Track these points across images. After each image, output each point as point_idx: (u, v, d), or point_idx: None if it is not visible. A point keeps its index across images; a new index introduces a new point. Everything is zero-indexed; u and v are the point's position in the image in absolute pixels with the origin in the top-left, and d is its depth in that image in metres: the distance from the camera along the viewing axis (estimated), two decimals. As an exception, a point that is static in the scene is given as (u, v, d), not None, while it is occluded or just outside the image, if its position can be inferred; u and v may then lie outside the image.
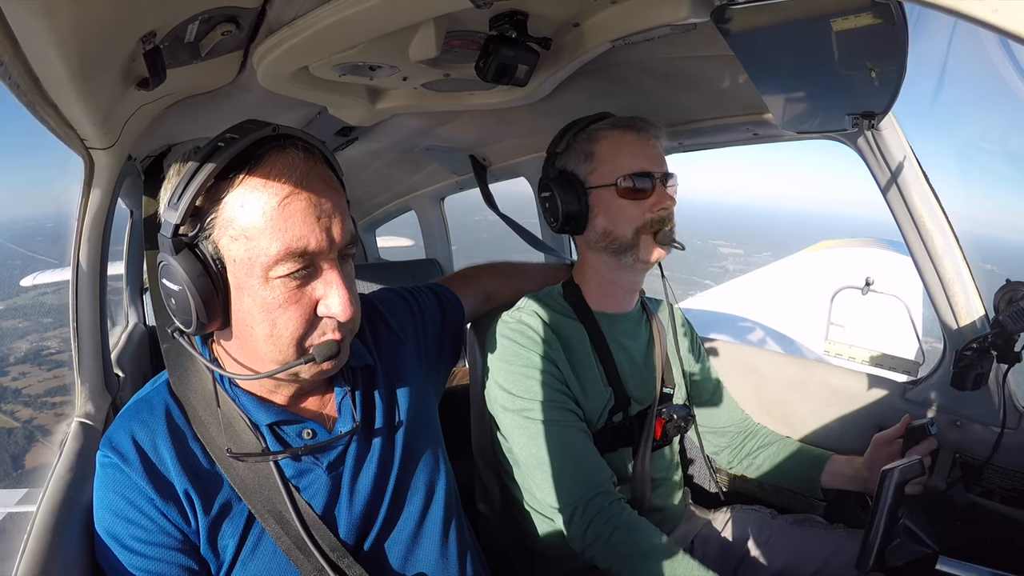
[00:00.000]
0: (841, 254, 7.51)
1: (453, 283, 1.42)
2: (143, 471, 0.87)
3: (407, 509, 1.02)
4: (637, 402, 1.37)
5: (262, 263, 0.82)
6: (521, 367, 1.27)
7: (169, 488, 0.87)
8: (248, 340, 0.88)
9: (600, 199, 1.30)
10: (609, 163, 1.29)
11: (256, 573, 0.90)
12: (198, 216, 0.83)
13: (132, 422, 0.91)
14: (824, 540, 1.40)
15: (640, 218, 1.28)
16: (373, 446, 1.00)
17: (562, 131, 1.37)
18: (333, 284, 0.85)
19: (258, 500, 0.89)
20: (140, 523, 0.86)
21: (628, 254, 1.30)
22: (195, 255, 0.82)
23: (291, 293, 0.84)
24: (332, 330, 0.88)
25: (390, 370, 1.09)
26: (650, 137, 1.31)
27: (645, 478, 1.35)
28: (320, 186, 0.85)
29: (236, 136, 0.82)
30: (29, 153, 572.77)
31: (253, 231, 0.81)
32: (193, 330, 0.87)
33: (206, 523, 0.88)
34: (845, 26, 0.81)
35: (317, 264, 0.85)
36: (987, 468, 1.34)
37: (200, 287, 0.82)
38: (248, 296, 0.84)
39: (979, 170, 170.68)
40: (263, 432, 0.93)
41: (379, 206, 3.12)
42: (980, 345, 1.27)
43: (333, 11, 0.93)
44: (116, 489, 0.87)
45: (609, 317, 1.39)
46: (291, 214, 0.81)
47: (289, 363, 0.87)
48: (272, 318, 0.84)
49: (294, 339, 0.86)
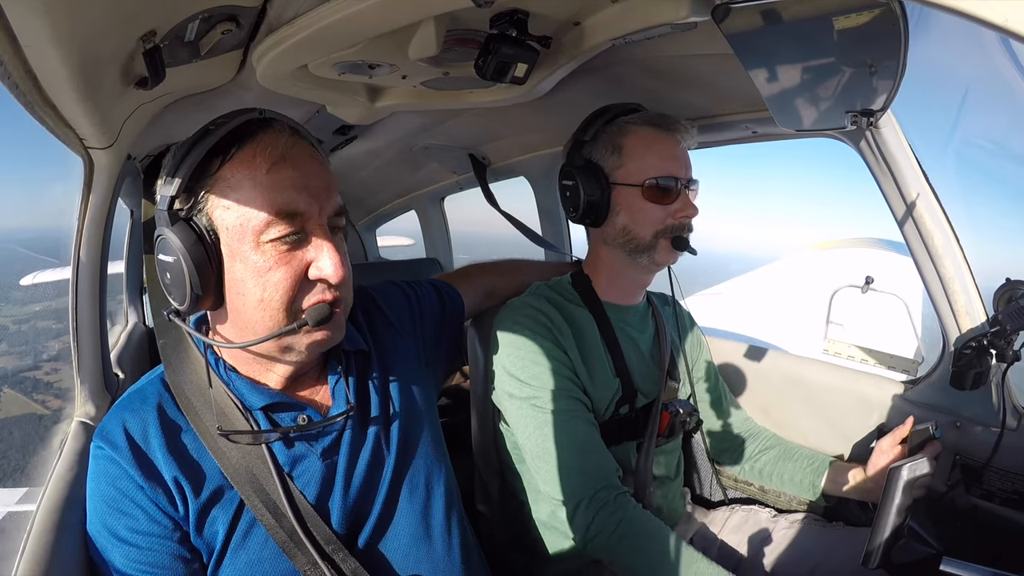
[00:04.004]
0: (841, 255, 7.51)
1: (454, 279, 1.42)
2: (132, 459, 0.87)
3: (405, 502, 1.01)
4: (643, 395, 1.36)
5: (254, 226, 0.86)
6: (530, 353, 1.26)
7: (157, 475, 0.88)
8: (240, 310, 0.89)
9: (623, 196, 1.29)
10: (637, 161, 1.28)
11: (247, 563, 0.90)
12: (191, 191, 0.87)
13: (124, 412, 0.92)
14: (823, 538, 1.40)
15: (662, 222, 1.28)
16: (368, 434, 1.00)
17: (590, 118, 1.35)
18: (323, 247, 0.89)
19: (249, 487, 0.89)
20: (132, 513, 0.87)
21: (644, 255, 1.30)
22: (189, 226, 0.86)
23: (281, 255, 0.87)
24: (323, 292, 0.90)
25: (385, 358, 1.09)
26: (681, 139, 1.30)
27: (647, 473, 1.34)
28: (305, 157, 0.90)
29: (225, 120, 0.88)
30: (29, 154, 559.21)
31: (244, 198, 0.86)
32: (188, 305, 0.88)
33: (195, 509, 0.88)
34: (846, 25, 0.81)
35: (307, 229, 0.89)
36: (987, 471, 1.34)
37: (194, 255, 0.85)
38: (240, 262, 0.87)
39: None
40: (256, 416, 0.94)
41: (379, 206, 3.12)
42: (979, 344, 1.27)
43: (333, 10, 0.93)
44: (108, 479, 0.88)
45: (617, 308, 1.39)
46: (279, 180, 0.86)
47: (282, 328, 0.88)
48: (263, 281, 0.87)
49: (284, 302, 0.88)
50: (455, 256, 2.97)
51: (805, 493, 1.48)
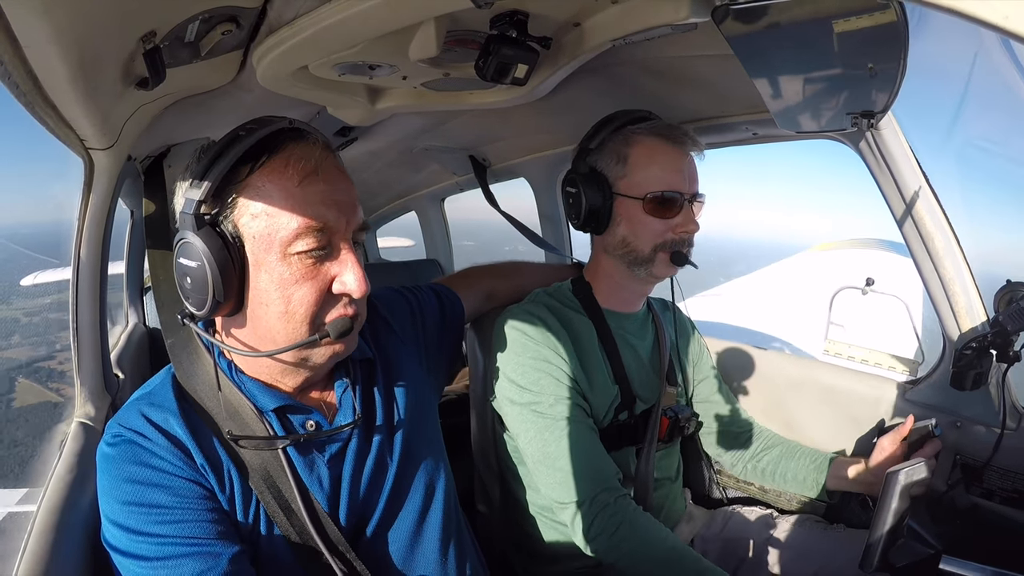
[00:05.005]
0: (840, 255, 7.51)
1: (454, 283, 1.42)
2: (163, 439, 0.86)
3: (405, 508, 1.02)
4: (643, 401, 1.37)
5: (282, 238, 0.85)
6: (531, 360, 1.26)
7: (190, 456, 0.86)
8: (262, 320, 0.89)
9: (625, 208, 1.29)
10: (640, 173, 1.27)
11: (264, 561, 0.90)
12: (219, 196, 0.86)
13: (142, 406, 0.91)
14: (825, 541, 1.40)
15: (661, 236, 1.27)
16: (373, 443, 1.00)
17: (598, 125, 1.34)
18: (348, 262, 0.89)
19: (265, 487, 0.89)
20: (170, 484, 0.84)
21: (641, 268, 1.30)
22: (215, 232, 0.85)
23: (307, 269, 0.87)
24: (345, 306, 0.90)
25: (389, 366, 1.09)
26: (687, 152, 1.29)
27: (648, 478, 1.34)
28: (336, 172, 0.91)
29: (255, 127, 0.87)
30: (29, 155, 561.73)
31: (274, 209, 0.85)
32: (207, 311, 0.87)
33: (225, 502, 0.88)
34: (846, 27, 0.81)
35: (334, 244, 0.89)
36: (987, 470, 1.34)
37: (220, 261, 0.84)
38: (265, 272, 0.86)
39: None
40: (269, 419, 0.94)
41: (379, 207, 3.12)
42: (980, 345, 1.27)
43: (334, 11, 0.93)
44: (134, 459, 0.84)
45: (617, 316, 1.39)
46: (310, 194, 0.86)
47: (303, 340, 0.88)
48: (288, 294, 0.86)
49: (308, 316, 0.88)
50: (462, 242, 2.98)
51: (808, 490, 1.48)
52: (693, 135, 1.29)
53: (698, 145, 1.30)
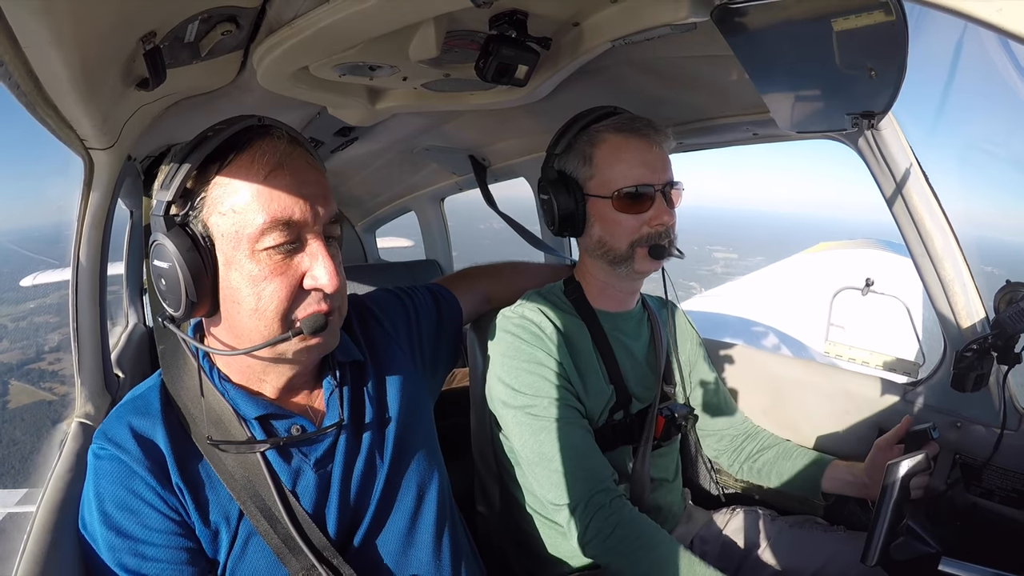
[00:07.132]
0: (840, 256, 7.51)
1: (452, 283, 1.42)
2: (142, 459, 0.87)
3: (397, 508, 1.01)
4: (638, 400, 1.36)
5: (249, 234, 0.85)
6: (524, 363, 1.26)
7: (167, 477, 0.88)
8: (235, 318, 0.89)
9: (597, 208, 1.28)
10: (607, 171, 1.26)
11: (247, 571, 0.90)
12: (188, 197, 0.87)
13: (129, 415, 0.91)
14: (824, 542, 1.39)
15: (636, 231, 1.25)
16: (362, 443, 1.00)
17: (563, 129, 1.33)
18: (319, 256, 0.88)
19: (247, 496, 0.89)
20: (142, 511, 0.86)
21: (622, 266, 1.29)
22: (185, 232, 0.86)
23: (277, 265, 0.86)
24: (318, 302, 0.89)
25: (381, 368, 1.09)
26: (653, 143, 1.26)
27: (644, 477, 1.34)
28: (302, 164, 0.89)
29: (224, 127, 0.87)
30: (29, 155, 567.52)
31: (240, 205, 0.85)
32: (183, 312, 0.88)
33: (200, 517, 0.88)
34: (846, 26, 0.81)
35: (303, 238, 0.88)
36: (987, 469, 1.34)
37: (189, 262, 0.85)
38: (236, 270, 0.86)
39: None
40: (251, 426, 0.94)
41: (379, 207, 3.12)
42: (980, 346, 1.26)
43: (333, 11, 0.93)
44: (115, 479, 0.87)
45: (610, 316, 1.39)
46: (275, 187, 0.86)
47: (276, 337, 0.87)
48: (258, 291, 0.86)
49: (279, 312, 0.87)
50: (474, 225, 2.97)
51: (805, 491, 1.48)
52: (657, 125, 1.27)
53: (662, 134, 1.27)
